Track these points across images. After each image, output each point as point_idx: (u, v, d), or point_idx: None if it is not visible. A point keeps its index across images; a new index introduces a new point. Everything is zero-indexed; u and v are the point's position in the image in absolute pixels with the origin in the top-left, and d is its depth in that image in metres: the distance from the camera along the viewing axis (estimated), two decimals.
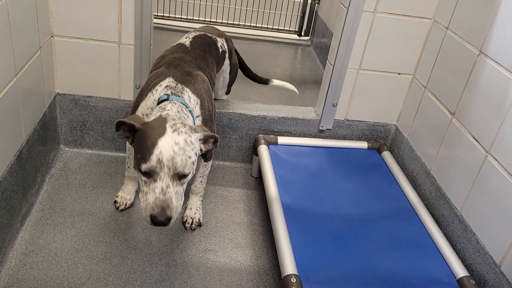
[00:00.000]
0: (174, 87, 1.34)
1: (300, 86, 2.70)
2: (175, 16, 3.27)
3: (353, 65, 1.88)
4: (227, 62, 1.87)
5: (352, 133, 2.05)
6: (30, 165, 1.58)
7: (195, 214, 1.66)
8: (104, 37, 1.74)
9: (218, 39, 1.76)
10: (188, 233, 1.63)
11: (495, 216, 1.36)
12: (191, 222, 1.64)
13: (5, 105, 1.35)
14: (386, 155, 1.95)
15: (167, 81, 1.37)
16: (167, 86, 1.35)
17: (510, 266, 1.28)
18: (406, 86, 1.96)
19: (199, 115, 1.41)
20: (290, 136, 2.00)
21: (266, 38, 3.36)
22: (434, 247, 1.52)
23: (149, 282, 1.42)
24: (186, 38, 1.67)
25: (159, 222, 1.10)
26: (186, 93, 1.35)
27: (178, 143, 1.12)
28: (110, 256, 1.49)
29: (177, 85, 1.35)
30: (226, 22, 3.30)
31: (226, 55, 1.84)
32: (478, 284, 1.39)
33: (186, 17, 3.28)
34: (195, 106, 1.38)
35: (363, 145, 2.00)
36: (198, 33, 1.72)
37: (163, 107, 1.25)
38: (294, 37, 3.44)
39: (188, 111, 1.30)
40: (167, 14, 3.27)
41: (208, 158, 1.59)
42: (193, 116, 1.33)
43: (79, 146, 1.96)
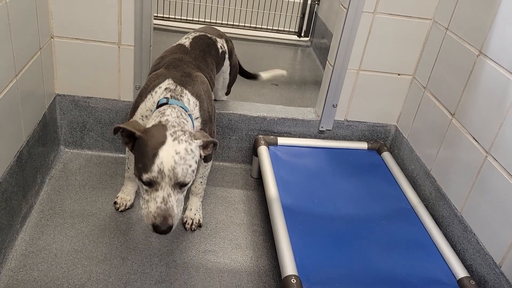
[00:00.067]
0: (174, 90, 1.35)
1: (300, 86, 2.70)
2: (175, 17, 3.27)
3: (353, 65, 1.88)
4: (227, 63, 1.87)
5: (352, 133, 2.05)
6: (30, 166, 1.58)
7: (195, 215, 1.66)
8: (104, 38, 1.75)
9: (218, 40, 1.76)
10: (188, 234, 1.63)
11: (495, 216, 1.36)
12: (191, 223, 1.64)
13: (5, 106, 1.35)
14: (386, 156, 1.95)
15: (167, 83, 1.37)
16: (167, 89, 1.35)
17: (510, 267, 1.28)
18: (406, 87, 1.96)
19: (198, 117, 1.41)
20: (290, 137, 2.00)
21: (266, 39, 3.36)
22: (434, 248, 1.52)
23: (149, 283, 1.42)
24: (186, 39, 1.67)
25: (161, 231, 1.13)
26: (185, 95, 1.35)
27: (178, 153, 1.13)
28: (110, 257, 1.49)
29: (176, 87, 1.36)
30: (226, 23, 3.30)
31: (226, 56, 1.84)
32: (478, 284, 1.39)
33: (186, 18, 3.28)
34: (194, 108, 1.38)
35: (363, 145, 2.00)
36: (198, 33, 1.72)
37: (163, 112, 1.26)
38: (294, 38, 3.44)
39: (187, 115, 1.31)
40: (167, 15, 3.27)
41: (208, 159, 1.59)
42: (192, 119, 1.34)
43: (79, 147, 1.96)
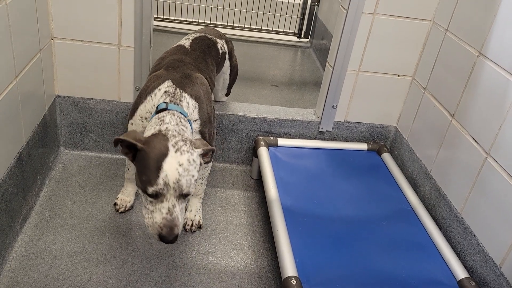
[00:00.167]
0: (173, 93, 1.35)
1: (299, 88, 2.70)
2: (175, 18, 3.27)
3: (352, 67, 1.88)
4: (227, 64, 1.88)
5: (352, 134, 2.05)
6: (30, 167, 1.58)
7: (195, 216, 1.66)
8: (104, 39, 1.75)
9: (218, 41, 1.76)
10: (188, 235, 1.63)
11: (495, 217, 1.36)
12: (191, 224, 1.64)
13: (5, 107, 1.35)
14: (386, 157, 1.95)
15: (166, 85, 1.37)
16: (166, 92, 1.35)
17: (511, 268, 1.28)
18: (406, 88, 1.96)
19: (198, 119, 1.41)
20: (290, 138, 2.00)
21: (265, 40, 3.36)
22: (434, 249, 1.52)
23: (149, 284, 1.42)
24: (186, 40, 1.67)
25: (169, 241, 1.15)
26: (184, 99, 1.36)
27: (182, 164, 1.14)
28: (110, 258, 1.49)
29: (175, 90, 1.36)
30: (226, 24, 3.30)
31: (226, 57, 1.84)
32: (479, 285, 1.39)
33: (186, 19, 3.28)
34: (194, 110, 1.39)
35: (363, 146, 2.00)
36: (198, 34, 1.72)
37: (162, 119, 1.26)
38: (294, 39, 3.44)
39: (186, 121, 1.32)
40: (167, 16, 3.27)
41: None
42: (191, 125, 1.35)
43: (79, 148, 1.96)
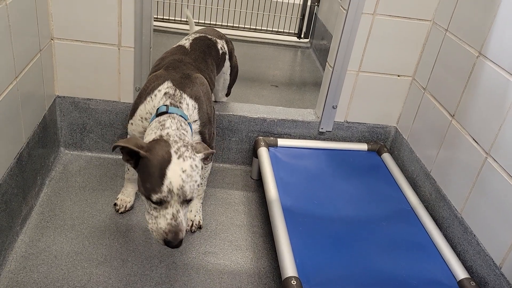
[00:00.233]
0: (173, 95, 1.35)
1: (299, 88, 2.70)
2: (175, 18, 3.27)
3: (352, 67, 1.88)
4: (227, 64, 1.88)
5: (352, 135, 2.05)
6: (30, 168, 1.58)
7: (195, 216, 1.66)
8: (104, 39, 1.75)
9: (218, 41, 1.76)
10: (188, 235, 1.63)
11: (495, 217, 1.36)
12: (191, 225, 1.64)
13: (5, 108, 1.35)
14: (386, 157, 1.95)
15: (166, 86, 1.37)
16: (166, 94, 1.35)
17: (511, 268, 1.28)
18: (406, 88, 1.96)
19: (197, 120, 1.41)
20: (290, 138, 2.00)
21: (265, 41, 3.36)
22: (434, 249, 1.52)
23: (149, 284, 1.42)
24: (186, 40, 1.67)
25: (174, 246, 1.17)
26: (184, 100, 1.36)
27: (185, 171, 1.15)
28: (110, 258, 1.49)
29: (175, 91, 1.36)
30: (226, 24, 3.30)
31: (226, 57, 1.84)
32: (479, 286, 1.39)
33: (186, 19, 3.28)
34: (193, 111, 1.39)
35: (363, 147, 2.00)
36: (198, 35, 1.72)
37: (163, 124, 1.27)
38: (294, 39, 3.44)
39: (186, 125, 1.32)
40: (167, 17, 3.27)
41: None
42: (191, 128, 1.36)
43: (79, 149, 1.96)
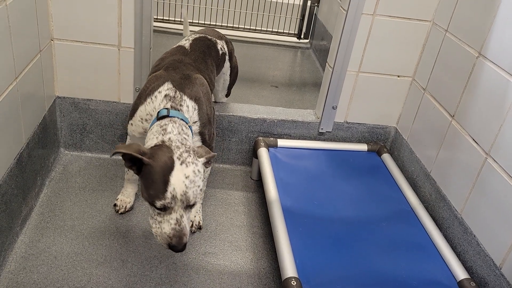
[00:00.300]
0: (173, 97, 1.35)
1: (299, 88, 2.70)
2: (175, 19, 3.27)
3: (352, 67, 1.88)
4: (227, 65, 1.88)
5: (351, 135, 2.05)
6: (30, 168, 1.58)
7: (195, 217, 1.65)
8: (104, 40, 1.75)
9: (218, 42, 1.76)
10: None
11: (495, 218, 1.36)
12: (191, 225, 1.64)
13: (5, 108, 1.35)
14: (386, 158, 1.95)
15: (166, 87, 1.37)
16: (166, 96, 1.35)
17: (511, 268, 1.28)
18: (406, 89, 1.96)
19: (197, 121, 1.41)
20: (290, 138, 2.00)
21: (265, 41, 3.36)
22: (435, 250, 1.52)
23: (149, 285, 1.42)
24: (186, 40, 1.67)
25: (178, 250, 1.19)
26: (184, 103, 1.36)
27: (188, 176, 1.16)
28: (110, 259, 1.49)
29: (175, 93, 1.36)
30: (226, 25, 3.30)
31: (226, 57, 1.84)
32: (479, 286, 1.39)
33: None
34: (193, 112, 1.39)
35: (363, 147, 2.00)
36: (198, 35, 1.72)
37: (164, 128, 1.27)
38: (294, 40, 3.44)
39: (188, 128, 1.33)
40: (167, 17, 3.27)
41: None
42: (192, 131, 1.37)
43: (79, 149, 1.96)
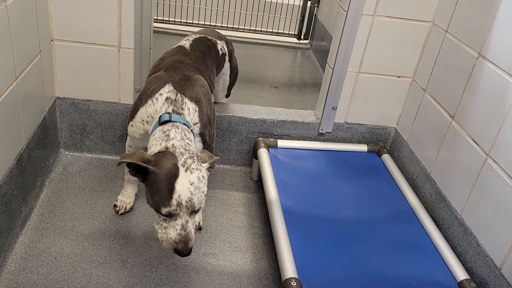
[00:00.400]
0: (174, 100, 1.35)
1: (299, 89, 2.70)
2: (175, 20, 3.27)
3: (352, 68, 1.88)
4: (227, 65, 1.88)
5: (351, 136, 2.05)
6: (30, 169, 1.58)
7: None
8: (104, 41, 1.75)
9: (218, 42, 1.76)
10: None
11: (496, 218, 1.36)
12: None
13: (5, 109, 1.35)
14: (386, 158, 1.95)
15: (167, 89, 1.37)
16: (168, 99, 1.35)
17: (511, 269, 1.28)
18: (406, 89, 1.96)
19: (198, 122, 1.41)
20: (290, 139, 2.00)
21: (265, 42, 3.36)
22: (435, 250, 1.52)
23: (149, 286, 1.42)
24: (186, 41, 1.67)
25: (184, 254, 1.20)
26: (185, 106, 1.37)
27: (193, 183, 1.18)
28: (110, 260, 1.49)
29: (177, 96, 1.36)
30: (226, 25, 3.30)
31: (226, 58, 1.84)
32: (479, 287, 1.39)
33: (186, 21, 3.28)
34: (194, 114, 1.39)
35: (363, 148, 2.00)
36: (198, 35, 1.72)
37: (167, 134, 1.28)
38: (294, 40, 3.44)
39: (190, 133, 1.33)
40: (167, 18, 3.27)
41: None
42: (193, 135, 1.37)
43: (79, 150, 1.96)
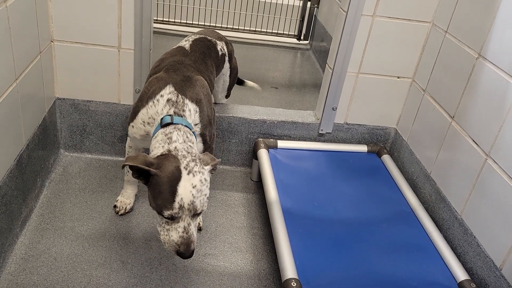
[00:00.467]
0: (176, 102, 1.35)
1: (299, 90, 2.70)
2: (175, 20, 3.28)
3: (352, 68, 1.88)
4: (227, 65, 1.88)
5: (351, 136, 2.05)
6: (30, 169, 1.58)
7: None
8: (104, 41, 1.75)
9: (218, 42, 1.76)
10: None
11: (496, 219, 1.36)
12: None
13: (5, 109, 1.35)
14: (386, 159, 1.95)
15: (168, 91, 1.37)
16: (169, 100, 1.35)
17: (511, 270, 1.28)
18: (406, 90, 1.96)
19: (198, 123, 1.41)
20: (290, 140, 2.00)
21: (265, 42, 3.37)
22: (435, 251, 1.52)
23: (149, 287, 1.42)
24: (186, 41, 1.67)
25: (186, 257, 1.21)
26: (186, 107, 1.37)
27: (195, 186, 1.18)
28: (110, 260, 1.49)
29: (178, 97, 1.36)
30: (226, 26, 3.30)
31: (226, 58, 1.84)
32: (479, 287, 1.39)
33: (186, 21, 3.28)
34: (195, 115, 1.39)
35: (363, 148, 2.00)
36: (198, 36, 1.72)
37: (170, 137, 1.28)
38: (294, 41, 3.45)
39: (192, 135, 1.33)
40: (167, 19, 3.28)
41: None
42: (195, 136, 1.38)
43: (79, 151, 1.96)
